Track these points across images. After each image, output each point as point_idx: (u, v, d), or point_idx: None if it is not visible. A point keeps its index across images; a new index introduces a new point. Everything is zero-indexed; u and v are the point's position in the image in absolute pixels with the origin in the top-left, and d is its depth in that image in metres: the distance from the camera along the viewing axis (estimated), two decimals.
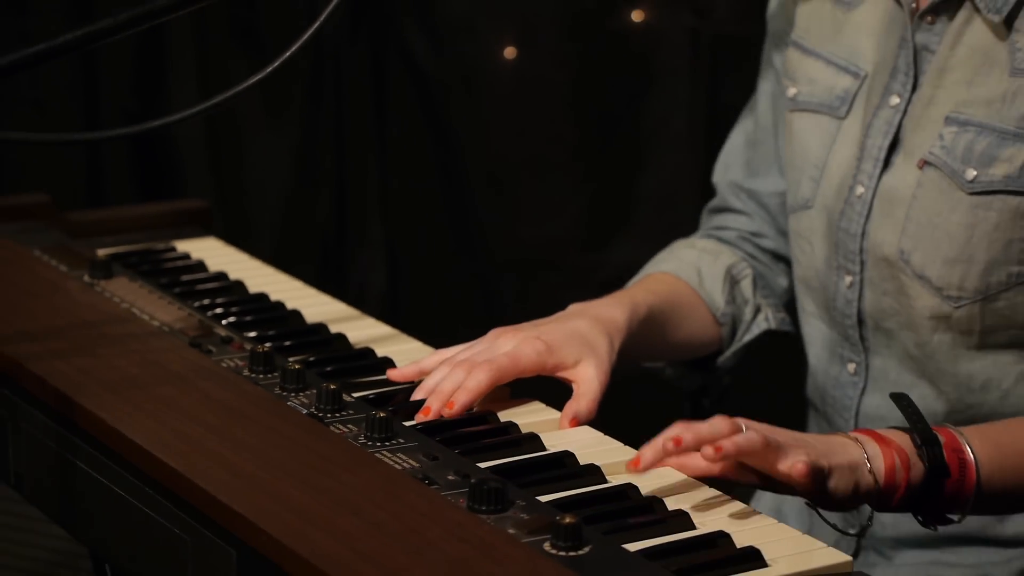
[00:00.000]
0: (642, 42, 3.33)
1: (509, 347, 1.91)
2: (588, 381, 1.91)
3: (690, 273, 2.23)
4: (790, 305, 2.28)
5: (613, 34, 3.33)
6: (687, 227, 3.36)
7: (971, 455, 1.77)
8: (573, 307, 2.04)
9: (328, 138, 3.55)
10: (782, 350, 2.31)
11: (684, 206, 3.35)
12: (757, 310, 2.25)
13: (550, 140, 3.39)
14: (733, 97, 3.13)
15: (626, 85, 3.35)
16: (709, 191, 2.40)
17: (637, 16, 3.32)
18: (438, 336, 2.30)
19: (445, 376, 1.87)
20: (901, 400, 1.81)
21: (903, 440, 1.76)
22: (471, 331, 3.43)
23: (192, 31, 3.49)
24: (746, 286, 2.25)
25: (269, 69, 1.83)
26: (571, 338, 1.94)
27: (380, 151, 3.55)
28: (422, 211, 3.54)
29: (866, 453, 1.72)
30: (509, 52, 3.36)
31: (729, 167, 2.33)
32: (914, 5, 2.01)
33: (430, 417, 1.83)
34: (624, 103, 3.36)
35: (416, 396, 1.88)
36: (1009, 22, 1.93)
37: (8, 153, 3.52)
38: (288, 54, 1.84)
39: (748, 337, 2.25)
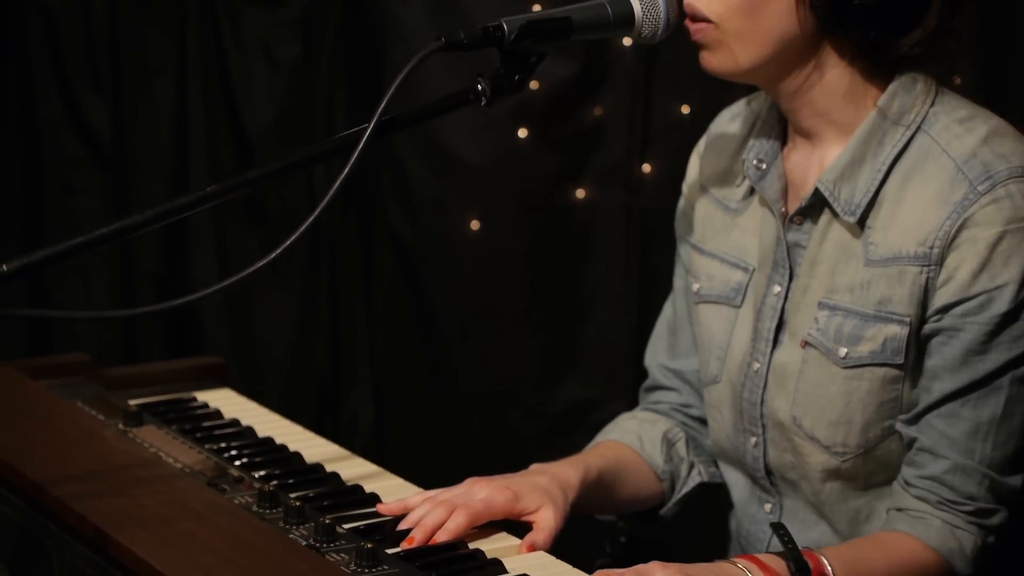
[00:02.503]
0: (584, 215, 3.34)
1: (483, 494, 1.89)
2: (547, 519, 1.90)
3: (632, 439, 2.21)
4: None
5: (560, 209, 3.34)
6: (623, 369, 3.37)
7: None
8: (535, 466, 2.03)
9: (324, 297, 3.55)
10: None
11: (621, 352, 3.35)
12: (691, 466, 2.22)
13: (508, 297, 3.39)
14: (660, 260, 3.14)
15: (571, 251, 3.36)
16: (641, 340, 2.37)
17: (580, 194, 3.34)
18: (418, 465, 2.26)
19: (428, 512, 1.86)
20: (779, 529, 1.81)
21: (780, 567, 1.76)
22: (445, 461, 3.40)
23: (210, 208, 3.48)
24: (680, 447, 2.22)
25: (277, 252, 1.80)
26: (534, 489, 1.93)
27: (368, 307, 3.54)
28: (403, 357, 3.52)
29: None
30: (474, 224, 3.36)
31: (657, 352, 2.31)
32: (784, 211, 2.02)
33: (413, 546, 1.81)
34: (569, 266, 3.36)
35: (402, 527, 1.85)
36: (862, 222, 1.94)
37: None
38: (292, 240, 1.81)
39: (685, 490, 2.22)
